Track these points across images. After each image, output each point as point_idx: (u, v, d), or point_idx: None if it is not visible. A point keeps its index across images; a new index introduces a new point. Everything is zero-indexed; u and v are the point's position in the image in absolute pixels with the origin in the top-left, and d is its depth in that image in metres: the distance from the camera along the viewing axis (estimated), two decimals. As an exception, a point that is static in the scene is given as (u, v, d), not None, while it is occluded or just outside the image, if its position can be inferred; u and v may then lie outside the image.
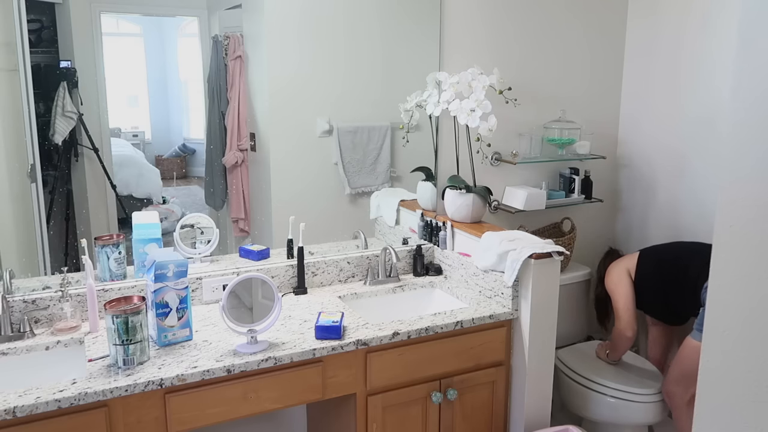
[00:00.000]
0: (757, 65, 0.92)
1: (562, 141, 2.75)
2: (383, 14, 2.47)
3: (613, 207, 3.10)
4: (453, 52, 2.56)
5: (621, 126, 3.02)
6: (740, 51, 0.94)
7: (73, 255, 2.13)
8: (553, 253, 2.09)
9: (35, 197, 2.06)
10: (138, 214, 2.19)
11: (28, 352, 1.84)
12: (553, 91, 2.82)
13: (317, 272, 2.38)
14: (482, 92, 2.31)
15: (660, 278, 2.47)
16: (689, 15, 2.63)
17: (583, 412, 2.59)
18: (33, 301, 1.95)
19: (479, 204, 2.42)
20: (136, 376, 1.65)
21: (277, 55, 2.32)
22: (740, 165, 0.96)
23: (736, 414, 0.98)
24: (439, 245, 2.52)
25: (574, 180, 2.84)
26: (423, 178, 2.60)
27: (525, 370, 2.17)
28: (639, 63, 2.90)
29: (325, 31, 2.37)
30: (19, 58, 1.98)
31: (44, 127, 2.06)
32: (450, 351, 2.08)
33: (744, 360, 0.96)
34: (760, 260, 0.93)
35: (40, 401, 1.53)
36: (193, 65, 2.34)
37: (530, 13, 2.70)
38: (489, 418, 2.22)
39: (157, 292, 1.83)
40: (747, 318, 0.96)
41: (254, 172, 2.42)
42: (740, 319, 0.97)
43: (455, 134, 2.56)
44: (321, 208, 2.48)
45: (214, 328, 1.99)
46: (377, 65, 2.49)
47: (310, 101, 2.40)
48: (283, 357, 1.80)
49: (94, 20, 2.11)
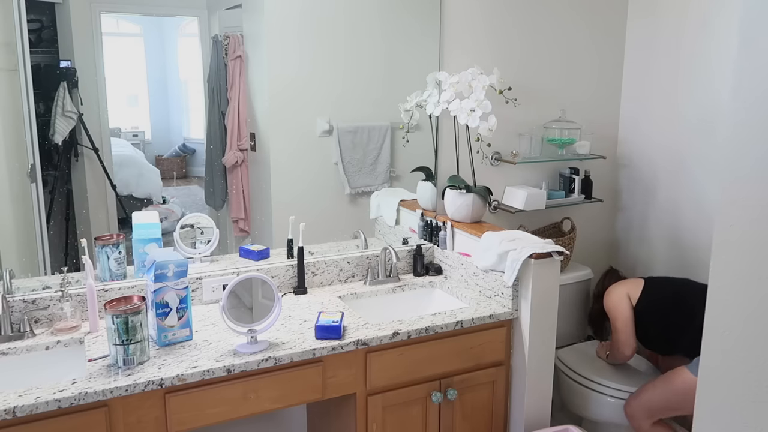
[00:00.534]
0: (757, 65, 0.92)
1: (562, 141, 2.75)
2: (383, 14, 2.47)
3: (613, 207, 3.10)
4: (453, 52, 2.56)
5: (621, 126, 3.02)
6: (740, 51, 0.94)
7: (73, 255, 2.13)
8: (553, 253, 2.09)
9: (35, 197, 2.06)
10: (138, 214, 2.19)
11: (28, 352, 1.84)
12: (553, 91, 2.82)
13: (317, 272, 2.38)
14: (482, 92, 2.31)
15: (662, 315, 2.39)
16: (689, 15, 2.63)
17: (583, 411, 2.59)
18: (33, 301, 1.95)
19: (479, 204, 2.42)
20: (136, 376, 1.65)
21: (277, 55, 2.32)
22: (740, 165, 0.96)
23: (736, 414, 0.98)
24: (439, 245, 2.52)
25: (574, 180, 2.84)
26: (423, 177, 2.60)
27: (525, 370, 2.17)
28: (639, 63, 2.90)
29: (325, 31, 2.37)
30: (19, 58, 1.98)
31: (44, 126, 2.06)
32: (450, 351, 2.08)
33: (744, 360, 0.96)
34: (760, 260, 0.93)
35: (40, 401, 1.53)
36: (193, 65, 2.34)
37: (530, 13, 2.70)
38: (489, 418, 2.22)
39: (157, 292, 1.83)
40: (747, 318, 0.96)
41: (254, 172, 2.42)
42: (740, 319, 0.97)
43: (455, 134, 2.56)
44: (321, 207, 2.48)
45: (214, 328, 1.99)
46: (377, 65, 2.49)
47: (310, 101, 2.40)
48: (283, 357, 1.81)
49: (94, 20, 2.11)
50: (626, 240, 3.04)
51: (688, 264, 2.75)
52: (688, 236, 2.74)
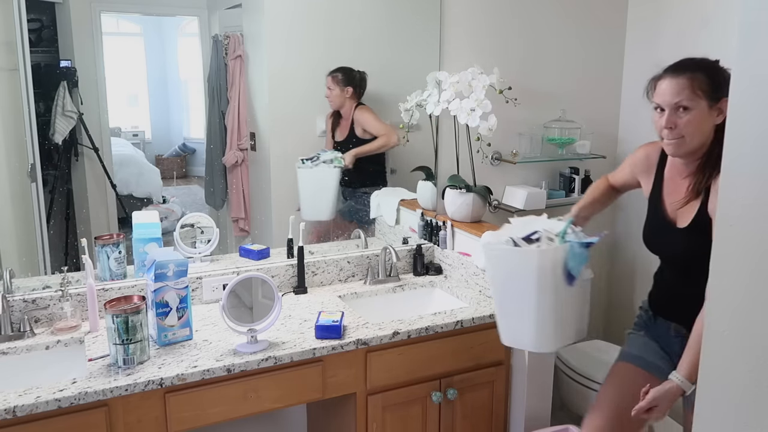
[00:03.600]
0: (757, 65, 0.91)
1: (562, 140, 2.75)
2: (383, 13, 2.47)
3: (613, 206, 3.09)
4: (453, 52, 2.56)
5: (621, 125, 3.02)
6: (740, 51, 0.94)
7: (73, 254, 2.13)
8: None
9: (35, 197, 2.06)
10: (138, 213, 2.19)
11: (28, 352, 1.84)
12: (553, 90, 2.82)
13: (317, 272, 2.38)
14: (482, 92, 2.31)
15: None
16: (690, 14, 2.63)
17: (583, 411, 2.59)
18: (33, 300, 1.95)
19: (479, 203, 2.42)
20: (136, 376, 1.65)
21: (277, 55, 2.31)
22: (740, 165, 0.96)
23: (736, 414, 0.98)
24: (439, 245, 2.52)
25: (574, 179, 2.84)
26: (423, 177, 2.60)
27: (525, 370, 2.17)
28: (639, 62, 2.89)
29: (325, 30, 2.37)
30: (19, 58, 1.98)
31: (44, 126, 2.06)
32: (450, 350, 2.08)
33: (744, 360, 0.96)
34: (760, 260, 0.93)
35: (40, 401, 1.53)
36: (193, 65, 2.34)
37: (530, 12, 2.70)
38: (489, 417, 2.22)
39: (157, 291, 1.83)
40: (747, 318, 0.96)
41: (254, 171, 2.42)
42: (740, 318, 0.97)
43: (455, 134, 2.56)
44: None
45: (214, 327, 1.99)
46: (377, 64, 2.49)
47: (310, 100, 2.40)
48: (283, 356, 1.81)
49: (95, 20, 2.11)
50: (626, 239, 3.04)
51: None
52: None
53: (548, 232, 1.75)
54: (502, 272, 1.78)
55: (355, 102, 2.44)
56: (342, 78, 2.39)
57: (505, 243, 1.76)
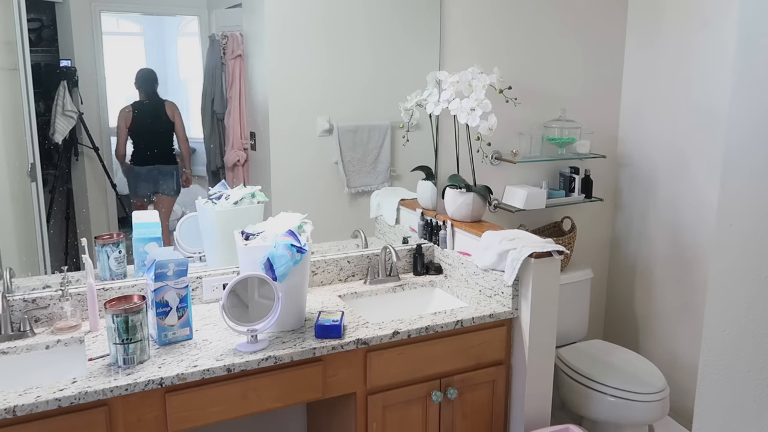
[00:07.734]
0: (757, 65, 0.91)
1: (562, 140, 2.75)
2: (383, 13, 2.47)
3: (614, 206, 3.10)
4: (453, 51, 2.56)
5: (621, 125, 3.02)
6: (740, 51, 0.94)
7: (73, 254, 2.13)
8: (553, 252, 2.09)
9: (35, 196, 2.06)
10: (138, 213, 2.19)
11: (28, 351, 1.84)
12: (554, 90, 2.82)
13: (317, 271, 2.38)
14: (482, 91, 2.31)
15: None
16: (689, 15, 2.63)
17: (583, 411, 2.59)
18: (33, 300, 1.95)
19: (479, 203, 2.42)
20: (136, 375, 1.65)
21: (277, 54, 2.31)
22: (740, 165, 0.96)
23: (736, 414, 0.98)
24: (439, 244, 2.52)
25: (575, 179, 2.84)
26: (423, 177, 2.60)
27: (525, 370, 2.17)
28: (639, 62, 2.90)
29: (325, 30, 2.37)
30: (19, 57, 1.98)
31: (44, 126, 2.06)
32: (450, 350, 2.08)
33: (744, 360, 0.96)
34: (760, 260, 0.93)
35: (40, 400, 1.53)
36: (193, 64, 2.34)
37: (531, 12, 2.70)
38: (489, 417, 2.22)
39: (157, 291, 1.83)
40: (747, 318, 0.96)
41: (254, 171, 2.42)
42: (740, 319, 0.97)
43: (455, 133, 2.56)
44: (321, 207, 2.47)
45: (214, 327, 1.99)
46: (377, 64, 2.49)
47: (310, 100, 2.40)
48: (283, 356, 1.81)
49: (95, 19, 2.11)
50: (626, 239, 3.04)
51: (687, 263, 2.75)
52: (688, 235, 2.74)
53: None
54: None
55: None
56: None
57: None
